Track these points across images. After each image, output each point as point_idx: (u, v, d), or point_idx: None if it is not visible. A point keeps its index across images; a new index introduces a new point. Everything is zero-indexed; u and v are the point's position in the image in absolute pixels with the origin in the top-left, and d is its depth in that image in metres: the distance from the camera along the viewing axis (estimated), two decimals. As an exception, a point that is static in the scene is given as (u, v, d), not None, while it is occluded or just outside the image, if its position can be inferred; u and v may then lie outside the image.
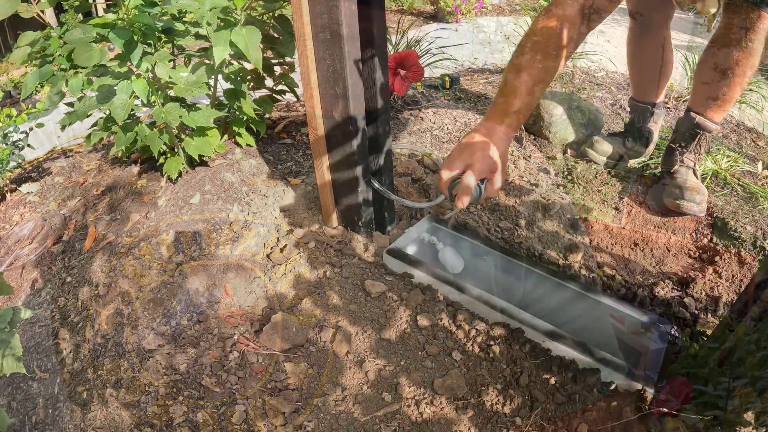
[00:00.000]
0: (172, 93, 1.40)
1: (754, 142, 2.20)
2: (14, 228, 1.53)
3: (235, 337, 1.15)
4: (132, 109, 1.28)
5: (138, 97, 1.27)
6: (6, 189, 1.73)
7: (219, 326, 1.17)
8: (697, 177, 1.61)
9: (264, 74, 1.58)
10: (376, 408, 1.02)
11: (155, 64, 1.26)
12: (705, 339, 1.19)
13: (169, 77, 1.29)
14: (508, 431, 0.98)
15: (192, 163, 1.54)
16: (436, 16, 5.02)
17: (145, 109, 1.46)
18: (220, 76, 1.49)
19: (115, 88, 1.25)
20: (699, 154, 1.61)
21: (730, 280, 1.37)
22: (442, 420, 0.99)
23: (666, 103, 2.48)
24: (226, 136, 1.65)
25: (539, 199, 1.64)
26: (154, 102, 1.31)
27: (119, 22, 1.19)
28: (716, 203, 1.62)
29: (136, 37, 1.18)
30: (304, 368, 1.08)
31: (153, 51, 1.30)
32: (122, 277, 1.27)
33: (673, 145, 1.62)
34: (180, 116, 1.30)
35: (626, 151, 1.86)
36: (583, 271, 1.40)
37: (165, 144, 1.42)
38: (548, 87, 1.19)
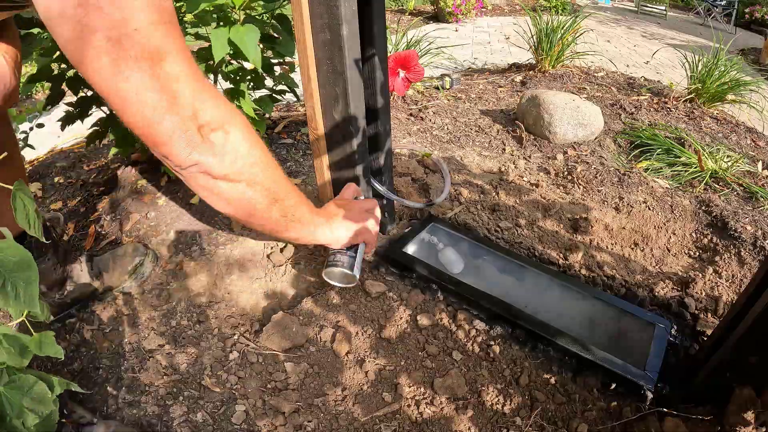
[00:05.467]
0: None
1: (754, 142, 2.20)
2: (14, 228, 1.53)
3: (236, 337, 1.15)
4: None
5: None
6: (6, 189, 1.72)
7: (219, 326, 1.17)
8: None
9: (264, 74, 1.58)
10: (376, 408, 1.02)
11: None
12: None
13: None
14: (508, 431, 0.98)
15: (192, 163, 1.54)
16: (436, 16, 5.03)
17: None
18: (219, 76, 1.49)
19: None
20: None
21: (730, 280, 1.37)
22: (442, 420, 0.99)
23: (666, 103, 2.48)
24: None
25: (539, 199, 1.64)
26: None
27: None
28: (716, 203, 1.62)
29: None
30: (304, 368, 1.08)
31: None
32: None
33: None
34: (180, 116, 1.30)
35: None
36: (583, 271, 1.40)
37: (165, 144, 1.42)
38: None
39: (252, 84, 1.58)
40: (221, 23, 1.23)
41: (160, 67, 0.67)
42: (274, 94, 1.71)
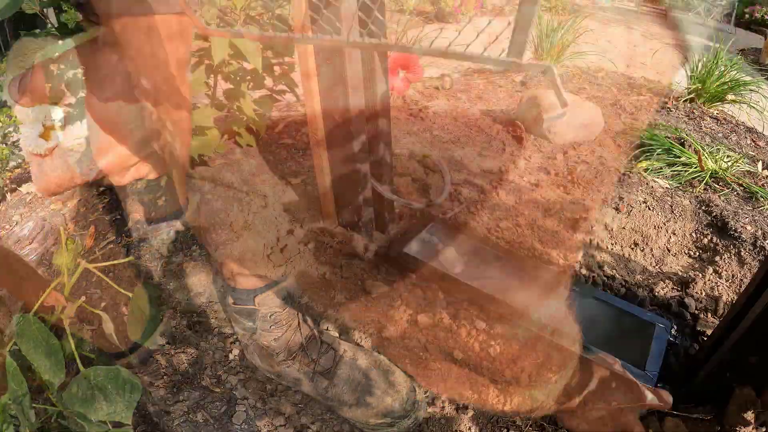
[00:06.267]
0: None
1: (754, 142, 2.20)
2: (14, 228, 1.53)
3: (236, 336, 1.15)
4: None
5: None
6: (6, 189, 1.73)
7: (219, 326, 1.17)
8: None
9: (264, 74, 1.58)
10: (376, 408, 1.01)
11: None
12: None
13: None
14: (508, 431, 0.98)
15: (192, 163, 1.54)
16: (436, 16, 5.02)
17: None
18: (219, 76, 1.49)
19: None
20: None
21: (730, 280, 1.37)
22: (442, 420, 0.99)
23: (666, 103, 2.49)
24: (225, 136, 1.64)
25: (539, 199, 1.64)
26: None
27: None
28: (716, 203, 1.62)
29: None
30: (304, 368, 1.08)
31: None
32: (122, 277, 1.27)
33: None
34: (180, 116, 1.30)
35: None
36: (583, 271, 1.40)
37: (165, 144, 1.42)
38: None
39: (252, 84, 1.58)
40: (221, 24, 1.23)
41: None
42: (274, 94, 1.70)
